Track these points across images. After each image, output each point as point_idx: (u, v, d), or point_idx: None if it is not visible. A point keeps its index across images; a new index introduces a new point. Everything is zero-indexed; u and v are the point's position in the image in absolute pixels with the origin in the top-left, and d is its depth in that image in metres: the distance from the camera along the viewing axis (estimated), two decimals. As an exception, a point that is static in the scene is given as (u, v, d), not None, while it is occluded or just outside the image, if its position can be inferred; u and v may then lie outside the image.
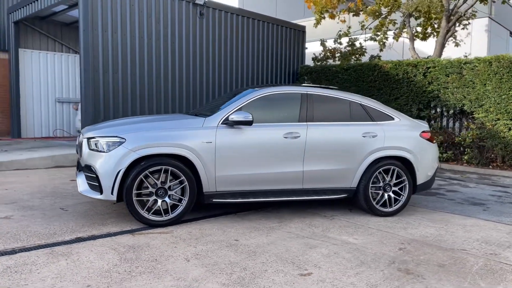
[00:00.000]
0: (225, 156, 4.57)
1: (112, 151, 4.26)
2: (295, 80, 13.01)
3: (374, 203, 5.16)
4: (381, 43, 12.73)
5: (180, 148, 4.39)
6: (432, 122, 10.20)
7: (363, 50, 13.22)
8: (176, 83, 9.94)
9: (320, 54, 13.63)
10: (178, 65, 9.93)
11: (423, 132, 5.48)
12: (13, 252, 3.46)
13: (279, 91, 5.12)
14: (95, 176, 4.28)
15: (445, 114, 10.03)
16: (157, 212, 4.38)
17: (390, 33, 12.84)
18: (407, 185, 5.29)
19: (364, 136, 5.11)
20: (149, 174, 4.31)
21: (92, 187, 4.36)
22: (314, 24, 12.19)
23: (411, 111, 10.25)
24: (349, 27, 12.84)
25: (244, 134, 4.69)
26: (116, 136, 4.33)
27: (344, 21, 12.89)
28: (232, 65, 11.24)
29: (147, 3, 9.20)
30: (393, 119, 5.45)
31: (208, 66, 10.65)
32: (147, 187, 4.35)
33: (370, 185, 5.13)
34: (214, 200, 4.62)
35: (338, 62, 13.19)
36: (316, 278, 3.21)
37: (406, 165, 5.32)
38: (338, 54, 13.35)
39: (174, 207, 4.46)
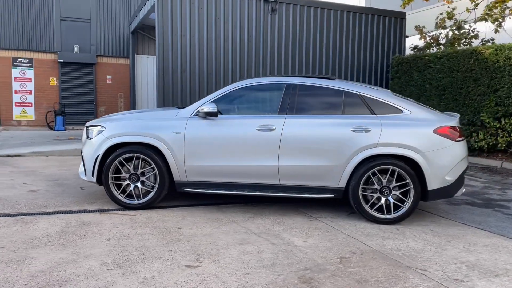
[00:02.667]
0: (194, 146, 4.65)
1: (94, 138, 4.81)
2: (385, 74, 11.89)
3: (366, 207, 4.52)
4: (496, 22, 10.55)
5: (150, 137, 4.66)
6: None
7: (475, 32, 11.17)
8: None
9: (422, 42, 12.08)
10: (247, 63, 10.20)
11: (441, 127, 4.52)
12: (-6, 216, 4.28)
13: (262, 82, 4.95)
14: (83, 159, 4.91)
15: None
16: (132, 196, 4.75)
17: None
18: (412, 190, 4.47)
19: (354, 131, 4.52)
20: (123, 161, 4.71)
21: (84, 169, 4.99)
22: (401, 5, 10.83)
23: (514, 106, 8.34)
24: (453, 9, 11.01)
25: (216, 126, 4.69)
26: (100, 125, 4.87)
27: (451, 1, 11.09)
28: (308, 61, 10.94)
29: (215, 5, 9.73)
30: (401, 111, 4.65)
31: (280, 62, 10.62)
32: (127, 172, 4.75)
33: (361, 186, 4.51)
34: (186, 189, 4.75)
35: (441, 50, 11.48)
36: (196, 271, 3.08)
37: (412, 166, 4.50)
38: (444, 40, 11.60)
39: (148, 192, 4.77)
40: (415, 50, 11.97)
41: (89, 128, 5.01)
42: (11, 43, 14.43)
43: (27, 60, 14.65)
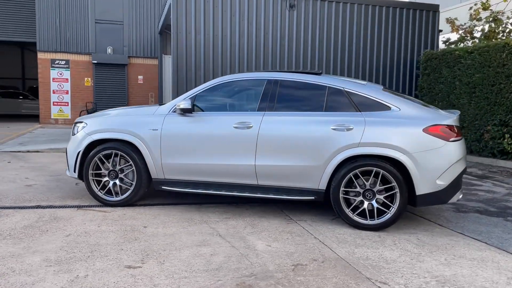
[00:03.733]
0: (171, 143, 4.55)
1: (76, 134, 4.86)
2: (415, 71, 11.18)
3: (347, 211, 4.19)
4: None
5: (128, 134, 4.62)
6: None
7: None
8: (263, 78, 10.02)
9: (455, 36, 11.25)
10: (263, 61, 9.98)
11: (432, 126, 4.10)
12: (-24, 208, 4.43)
13: (243, 77, 4.75)
14: (67, 155, 4.98)
15: None
16: (112, 193, 4.74)
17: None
18: (398, 195, 4.08)
19: (334, 129, 4.20)
20: (102, 157, 4.71)
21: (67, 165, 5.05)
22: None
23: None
24: None
25: (192, 122, 4.56)
26: (83, 122, 4.91)
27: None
28: (329, 59, 10.50)
29: (231, 2, 9.62)
30: (389, 108, 4.28)
31: (299, 61, 10.30)
32: (107, 168, 4.76)
33: (342, 189, 4.19)
34: (163, 187, 4.66)
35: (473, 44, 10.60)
36: (132, 272, 2.97)
37: (399, 168, 4.12)
38: (479, 33, 10.71)
39: (127, 190, 4.74)
40: (447, 43, 11.15)
41: (76, 124, 5.08)
42: (50, 45, 15.23)
43: (64, 62, 15.41)
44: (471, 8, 10.81)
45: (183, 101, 4.52)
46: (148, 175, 4.67)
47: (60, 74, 15.47)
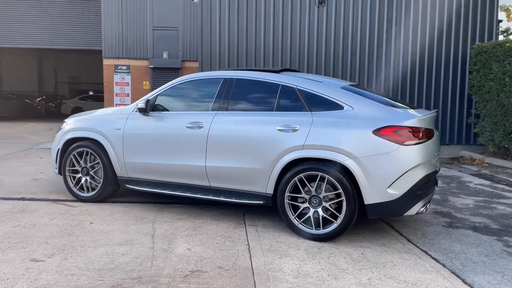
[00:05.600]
0: (131, 143, 4.65)
1: (58, 132, 5.22)
2: (465, 67, 9.97)
3: (292, 218, 3.91)
4: None
5: (95, 133, 4.84)
6: None
7: None
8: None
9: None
10: (290, 60, 9.72)
11: (383, 128, 3.63)
12: (-33, 198, 4.99)
13: (201, 76, 4.70)
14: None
15: None
16: (84, 188, 4.99)
17: None
18: (345, 203, 3.70)
19: (280, 130, 3.95)
20: (76, 154, 4.99)
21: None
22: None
23: None
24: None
25: (150, 122, 4.62)
26: (65, 121, 5.26)
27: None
28: (363, 58, 9.83)
29: (256, 1, 9.54)
30: (341, 108, 3.89)
31: (329, 61, 9.82)
32: (80, 165, 5.03)
33: (287, 194, 3.91)
34: (127, 185, 4.79)
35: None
36: (29, 265, 3.09)
37: (346, 173, 3.72)
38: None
39: (97, 186, 4.96)
40: (505, 34, 9.77)
41: (62, 123, 5.45)
42: (113, 52, 16.59)
43: (126, 67, 16.65)
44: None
45: (141, 102, 4.61)
46: (114, 173, 4.83)
47: (122, 78, 16.74)
